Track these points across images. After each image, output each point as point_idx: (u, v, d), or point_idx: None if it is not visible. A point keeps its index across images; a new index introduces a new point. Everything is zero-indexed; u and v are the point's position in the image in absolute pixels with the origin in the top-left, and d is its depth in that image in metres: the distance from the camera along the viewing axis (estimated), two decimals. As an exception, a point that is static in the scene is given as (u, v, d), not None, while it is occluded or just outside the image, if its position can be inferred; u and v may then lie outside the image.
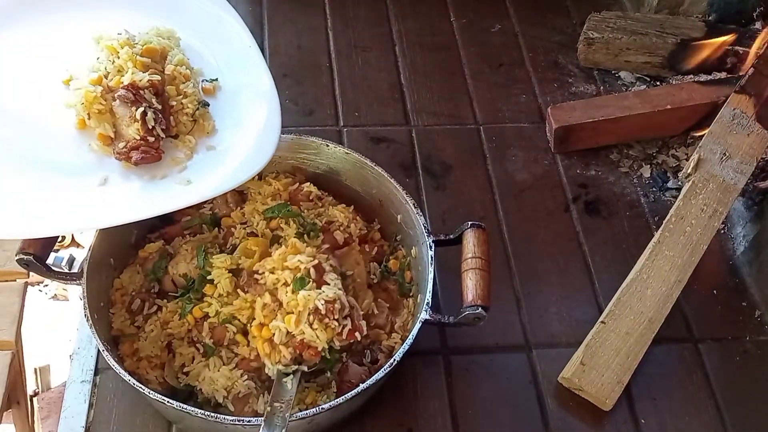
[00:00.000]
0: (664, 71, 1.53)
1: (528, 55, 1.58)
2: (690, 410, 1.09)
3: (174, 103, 1.03)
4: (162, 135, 1.00)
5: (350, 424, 1.02)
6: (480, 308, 0.95)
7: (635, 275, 1.15)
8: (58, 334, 2.17)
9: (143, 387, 0.89)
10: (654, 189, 1.37)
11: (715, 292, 1.23)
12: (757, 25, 1.52)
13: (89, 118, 1.00)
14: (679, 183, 1.35)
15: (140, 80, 1.00)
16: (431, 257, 1.02)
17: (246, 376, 0.95)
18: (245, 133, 1.06)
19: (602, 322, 1.11)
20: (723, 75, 1.49)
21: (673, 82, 1.51)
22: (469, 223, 1.03)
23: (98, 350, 1.05)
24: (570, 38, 1.60)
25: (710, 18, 1.58)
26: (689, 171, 1.24)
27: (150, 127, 0.98)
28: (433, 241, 1.03)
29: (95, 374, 1.07)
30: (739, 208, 1.31)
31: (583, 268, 1.24)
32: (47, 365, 2.02)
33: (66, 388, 1.05)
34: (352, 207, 1.12)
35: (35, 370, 1.97)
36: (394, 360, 0.93)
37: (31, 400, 1.51)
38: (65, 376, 1.14)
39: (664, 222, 1.20)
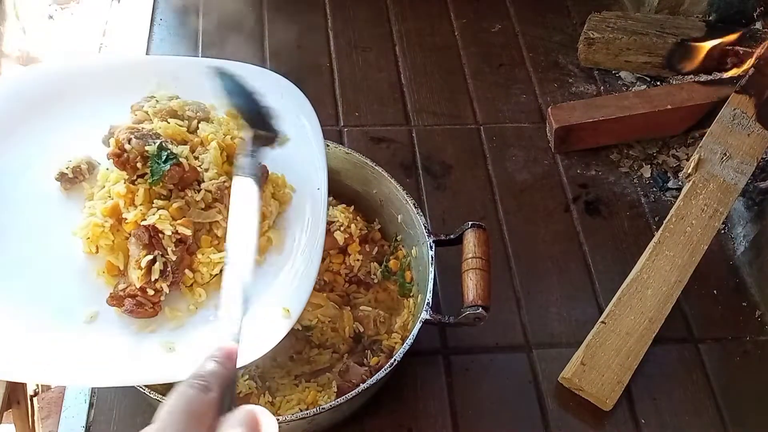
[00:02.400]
0: (664, 71, 1.53)
1: (528, 55, 1.58)
2: (690, 410, 1.09)
3: (200, 256, 0.86)
4: (166, 291, 0.84)
5: (350, 424, 1.02)
6: (480, 308, 0.95)
7: (635, 275, 1.15)
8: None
9: (143, 387, 0.89)
10: (654, 189, 1.37)
11: (715, 292, 1.23)
12: (758, 25, 1.52)
13: (96, 252, 0.86)
14: (680, 183, 1.35)
15: (164, 227, 0.83)
16: (432, 257, 1.01)
17: (247, 376, 0.96)
18: (264, 305, 0.86)
19: (602, 322, 1.11)
20: (723, 75, 1.49)
21: (673, 82, 1.51)
22: (470, 223, 1.03)
23: (98, 350, 1.05)
24: (570, 38, 1.60)
25: (710, 18, 1.58)
26: (689, 171, 1.24)
27: (153, 279, 0.82)
28: (433, 241, 1.03)
29: (95, 374, 1.07)
30: (739, 208, 1.31)
31: (583, 268, 1.24)
32: (47, 365, 2.02)
33: (66, 388, 1.05)
34: (353, 207, 1.12)
35: (35, 370, 1.97)
36: (395, 360, 0.93)
37: (31, 400, 1.50)
38: (65, 376, 1.14)
39: (665, 222, 1.20)
